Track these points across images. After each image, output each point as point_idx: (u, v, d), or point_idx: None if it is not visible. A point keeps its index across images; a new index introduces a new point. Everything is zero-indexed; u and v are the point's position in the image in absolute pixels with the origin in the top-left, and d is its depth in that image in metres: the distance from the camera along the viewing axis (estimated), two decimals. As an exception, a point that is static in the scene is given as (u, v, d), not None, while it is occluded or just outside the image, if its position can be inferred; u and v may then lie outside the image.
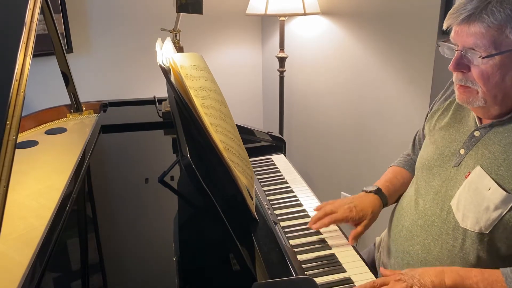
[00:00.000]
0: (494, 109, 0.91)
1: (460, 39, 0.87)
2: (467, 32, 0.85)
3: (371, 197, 1.14)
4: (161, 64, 0.96)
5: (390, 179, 1.21)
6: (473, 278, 0.85)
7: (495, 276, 0.84)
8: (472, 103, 0.91)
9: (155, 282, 0.80)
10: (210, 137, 0.88)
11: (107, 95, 2.28)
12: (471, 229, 0.90)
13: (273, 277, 0.84)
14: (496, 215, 0.87)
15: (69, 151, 1.35)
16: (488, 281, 0.84)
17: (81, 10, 2.21)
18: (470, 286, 0.84)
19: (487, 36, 0.82)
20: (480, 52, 0.84)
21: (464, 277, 0.85)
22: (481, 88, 0.88)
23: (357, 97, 2.26)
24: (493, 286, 0.83)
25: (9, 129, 0.71)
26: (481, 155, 0.92)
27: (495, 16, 0.81)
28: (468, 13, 0.83)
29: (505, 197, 0.85)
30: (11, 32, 0.85)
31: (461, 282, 0.84)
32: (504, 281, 0.82)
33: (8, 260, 0.83)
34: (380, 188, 1.16)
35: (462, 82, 0.91)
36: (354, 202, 1.12)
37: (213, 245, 0.93)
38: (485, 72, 0.85)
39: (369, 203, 1.12)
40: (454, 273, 0.86)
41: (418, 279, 0.85)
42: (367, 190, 1.16)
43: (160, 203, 1.08)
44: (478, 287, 0.84)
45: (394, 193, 1.19)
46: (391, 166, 1.28)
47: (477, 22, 0.83)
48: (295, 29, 2.51)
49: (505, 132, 0.91)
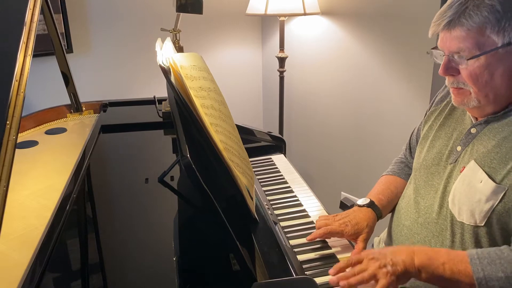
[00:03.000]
0: (488, 107, 0.93)
1: (445, 44, 0.90)
2: (450, 37, 0.88)
3: (365, 211, 1.12)
4: (161, 64, 0.96)
5: (382, 190, 1.19)
6: (439, 259, 0.86)
7: (460, 257, 0.85)
8: (467, 104, 0.93)
9: (155, 282, 0.80)
10: (210, 137, 0.88)
11: (107, 95, 2.28)
12: (467, 222, 0.92)
13: (273, 277, 0.84)
14: (488, 207, 0.88)
15: (69, 151, 1.35)
16: (453, 262, 0.85)
17: (81, 10, 2.22)
18: (436, 267, 0.85)
19: (469, 39, 0.86)
20: (466, 55, 0.87)
21: (432, 258, 0.86)
22: (473, 89, 0.90)
23: (357, 97, 2.26)
24: (457, 266, 0.84)
25: (9, 129, 0.71)
26: (476, 150, 0.94)
27: (473, 19, 0.84)
28: (448, 19, 0.87)
29: (495, 188, 0.87)
30: (11, 32, 0.85)
31: (428, 262, 0.86)
32: (469, 262, 0.84)
33: (8, 260, 0.83)
34: (373, 201, 1.15)
35: (455, 85, 0.93)
36: (348, 217, 1.10)
37: (213, 245, 0.93)
38: (473, 73, 0.88)
39: (363, 217, 1.10)
40: (423, 253, 0.87)
41: (391, 258, 0.86)
42: (359, 204, 1.15)
43: (160, 203, 1.08)
44: (444, 268, 0.85)
45: (388, 205, 1.17)
46: (384, 175, 1.27)
47: (458, 27, 0.86)
48: (295, 29, 2.51)
49: (499, 127, 0.92)
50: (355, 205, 1.16)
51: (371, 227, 1.10)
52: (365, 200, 1.15)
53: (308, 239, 1.06)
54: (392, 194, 1.19)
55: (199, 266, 0.86)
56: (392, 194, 1.19)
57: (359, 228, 1.07)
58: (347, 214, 1.11)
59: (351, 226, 1.06)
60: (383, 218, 1.17)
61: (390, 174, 1.25)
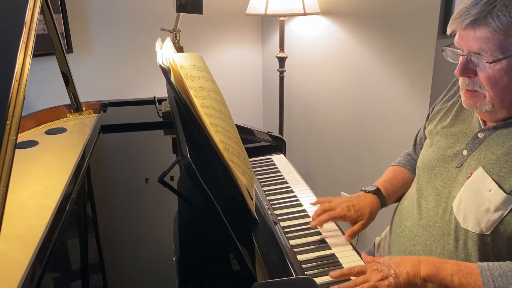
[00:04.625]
0: (501, 113, 0.90)
1: (465, 43, 0.86)
2: (473, 37, 0.84)
3: (370, 197, 1.14)
4: (161, 64, 0.96)
5: (390, 179, 1.20)
6: (448, 269, 0.84)
7: (470, 269, 0.84)
8: (479, 108, 0.90)
9: (155, 282, 0.80)
10: (210, 137, 0.88)
11: (107, 95, 2.28)
12: (472, 230, 0.90)
13: (273, 277, 0.84)
14: (496, 217, 0.86)
15: (69, 151, 1.35)
16: (462, 273, 0.83)
17: (81, 10, 2.21)
18: (444, 277, 0.84)
19: (493, 41, 0.81)
20: (487, 57, 0.83)
21: (440, 268, 0.85)
22: (489, 92, 0.87)
23: (357, 97, 2.26)
24: (467, 279, 0.83)
25: (9, 129, 0.71)
26: (484, 157, 0.92)
27: (501, 20, 0.80)
28: (473, 18, 0.82)
29: (505, 198, 0.85)
30: (11, 32, 0.85)
31: (436, 273, 0.84)
32: (480, 274, 0.82)
33: (8, 260, 0.82)
34: (379, 188, 1.16)
35: (470, 87, 0.90)
36: (352, 201, 1.12)
37: (213, 245, 0.93)
38: (492, 77, 0.84)
39: (367, 203, 1.12)
40: (430, 264, 0.86)
41: (394, 270, 0.86)
42: (366, 190, 1.16)
43: (160, 203, 1.08)
44: (452, 279, 0.83)
45: (394, 194, 1.18)
46: (392, 165, 1.27)
47: (483, 27, 0.81)
48: (295, 29, 2.51)
49: (509, 134, 0.90)
50: (361, 190, 1.18)
51: (373, 214, 1.12)
52: (372, 187, 1.16)
53: (312, 225, 1.10)
54: (399, 183, 1.19)
55: (199, 266, 0.86)
56: (399, 183, 1.19)
57: (362, 213, 1.10)
58: (351, 198, 1.13)
59: (354, 211, 1.09)
60: (387, 206, 1.19)
61: (398, 165, 1.26)
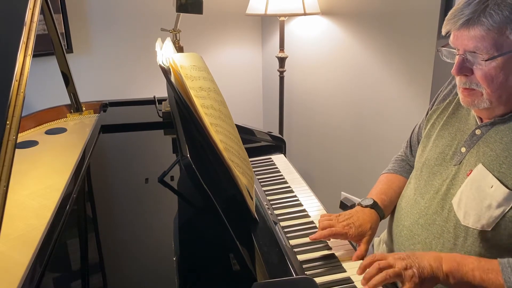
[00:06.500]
0: (499, 109, 0.91)
1: (461, 43, 0.87)
2: (467, 36, 0.85)
3: (368, 212, 1.11)
4: (161, 64, 0.96)
5: (385, 190, 1.18)
6: (469, 265, 0.86)
7: (491, 265, 0.85)
8: (477, 105, 0.91)
9: (155, 282, 0.80)
10: (210, 137, 0.88)
11: (107, 95, 2.28)
12: (473, 226, 0.90)
13: (273, 277, 0.84)
14: (498, 213, 0.87)
15: (69, 151, 1.35)
16: (483, 269, 0.84)
17: (81, 10, 2.22)
18: (465, 272, 0.85)
19: (488, 39, 0.82)
20: (482, 55, 0.84)
21: (461, 264, 0.86)
22: (486, 90, 0.88)
23: (357, 97, 2.26)
24: (487, 274, 0.84)
25: (9, 129, 0.71)
26: (483, 153, 0.92)
27: (494, 19, 0.81)
28: (466, 18, 0.84)
29: (508, 194, 0.86)
30: (11, 32, 0.85)
31: (457, 268, 0.86)
32: (500, 270, 0.83)
33: (8, 260, 0.83)
34: (376, 202, 1.13)
35: (467, 85, 0.90)
36: (352, 218, 1.08)
37: (213, 245, 0.93)
38: (489, 74, 0.85)
39: (367, 219, 1.09)
40: (451, 259, 0.87)
41: (418, 262, 0.86)
42: (362, 204, 1.13)
43: (160, 203, 1.08)
44: (474, 274, 0.85)
45: (390, 205, 1.16)
46: (384, 173, 1.25)
47: (477, 26, 0.83)
48: (295, 29, 2.51)
49: (506, 130, 0.91)
50: (357, 205, 1.15)
51: (374, 229, 1.09)
52: (368, 201, 1.13)
53: (312, 238, 1.05)
54: (395, 194, 1.18)
55: (199, 266, 0.86)
56: (394, 193, 1.18)
57: (362, 230, 1.05)
58: (351, 214, 1.09)
59: (355, 228, 1.05)
60: (386, 218, 1.17)
61: (392, 172, 1.24)
